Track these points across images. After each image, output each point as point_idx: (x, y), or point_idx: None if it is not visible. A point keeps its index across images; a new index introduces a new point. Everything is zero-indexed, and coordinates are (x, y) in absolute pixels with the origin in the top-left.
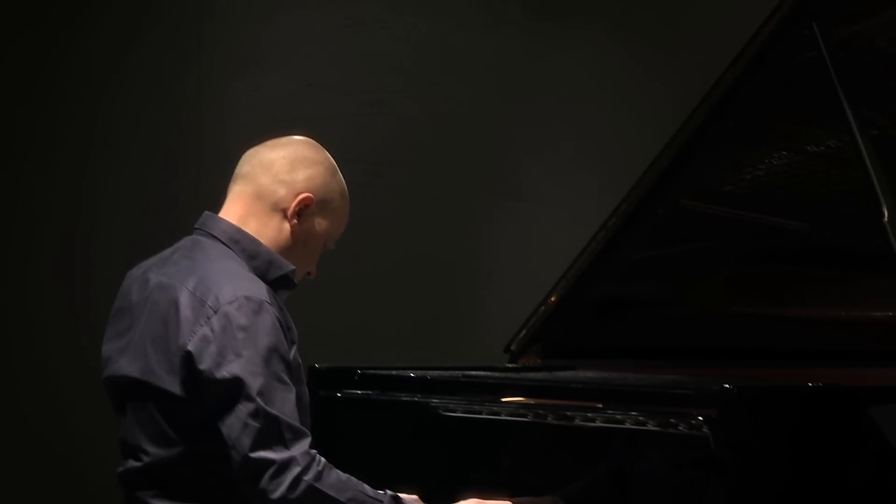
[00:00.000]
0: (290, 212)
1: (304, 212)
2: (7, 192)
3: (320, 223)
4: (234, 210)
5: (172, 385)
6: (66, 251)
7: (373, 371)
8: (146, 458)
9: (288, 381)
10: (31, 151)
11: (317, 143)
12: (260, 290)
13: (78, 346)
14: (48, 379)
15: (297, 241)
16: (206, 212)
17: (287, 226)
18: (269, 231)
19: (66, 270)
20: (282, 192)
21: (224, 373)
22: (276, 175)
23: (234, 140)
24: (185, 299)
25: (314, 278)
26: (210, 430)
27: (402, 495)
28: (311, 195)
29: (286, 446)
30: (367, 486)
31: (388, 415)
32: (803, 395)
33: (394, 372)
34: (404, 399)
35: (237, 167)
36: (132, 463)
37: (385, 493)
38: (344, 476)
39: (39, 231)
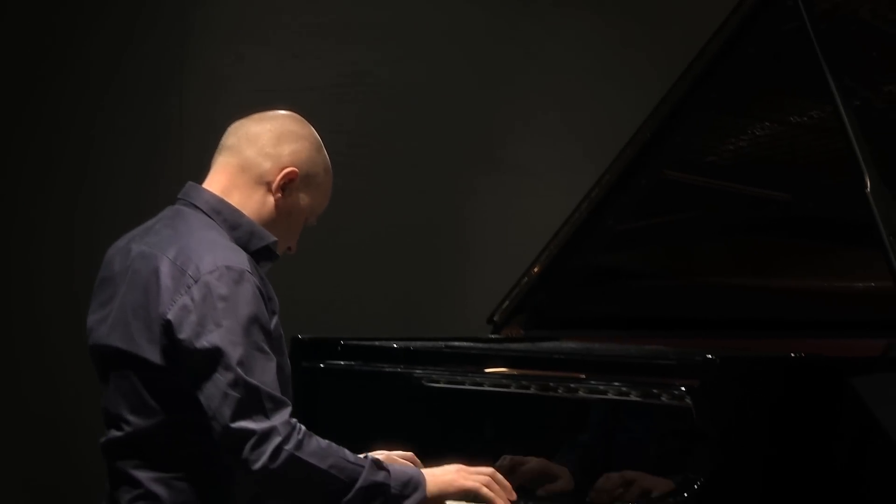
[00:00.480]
0: (274, 185)
1: (288, 186)
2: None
3: (304, 198)
4: (218, 181)
5: (153, 354)
6: (44, 220)
7: (356, 342)
8: (127, 428)
9: (268, 350)
10: (29, 132)
11: (302, 118)
12: (241, 259)
13: (66, 314)
14: (40, 348)
15: (280, 215)
16: (190, 182)
17: (271, 199)
18: (252, 203)
19: (51, 240)
20: (267, 165)
21: (204, 342)
22: (262, 148)
23: (218, 111)
24: (165, 268)
25: (294, 253)
26: (190, 400)
27: (385, 454)
28: (296, 169)
29: (267, 416)
30: (348, 452)
31: (371, 386)
32: (786, 365)
33: (377, 343)
34: (387, 370)
35: (223, 139)
36: (114, 433)
37: (367, 458)
38: (324, 443)
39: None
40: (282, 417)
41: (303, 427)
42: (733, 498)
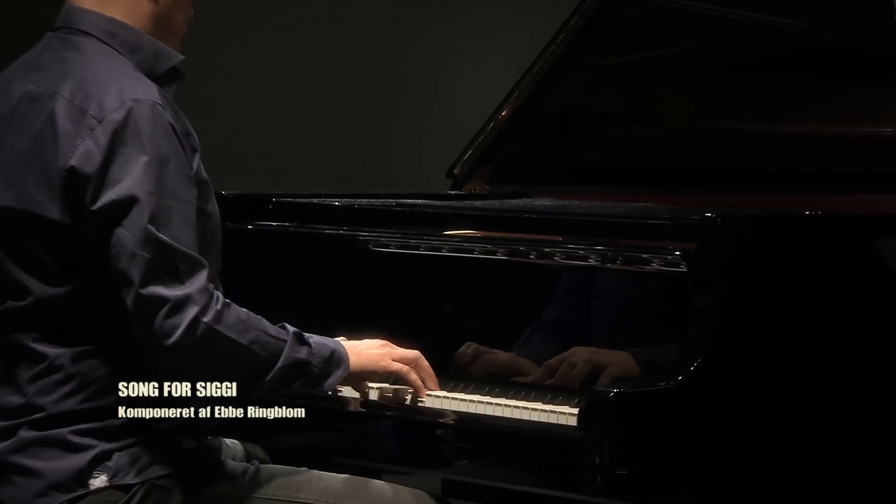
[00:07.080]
0: None
1: None
2: None
3: None
4: None
5: (54, 212)
6: None
7: (290, 199)
8: (29, 297)
9: (186, 198)
10: None
11: None
12: (150, 91)
13: None
14: None
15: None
16: (66, 4)
17: None
18: (135, 8)
19: None
20: None
21: (110, 193)
22: None
23: None
24: (62, 110)
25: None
26: (99, 265)
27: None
28: None
29: (181, 280)
30: (267, 323)
31: (309, 250)
32: (800, 225)
33: (315, 200)
34: (327, 232)
35: None
36: (11, 303)
37: (287, 332)
38: (244, 313)
39: None
40: (197, 282)
41: (220, 295)
42: (735, 381)
